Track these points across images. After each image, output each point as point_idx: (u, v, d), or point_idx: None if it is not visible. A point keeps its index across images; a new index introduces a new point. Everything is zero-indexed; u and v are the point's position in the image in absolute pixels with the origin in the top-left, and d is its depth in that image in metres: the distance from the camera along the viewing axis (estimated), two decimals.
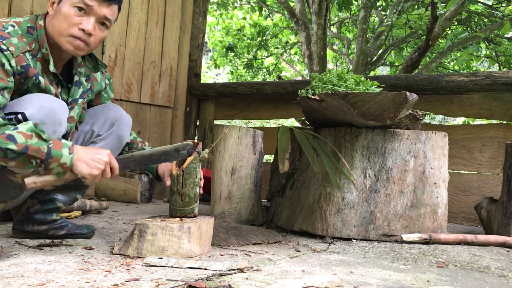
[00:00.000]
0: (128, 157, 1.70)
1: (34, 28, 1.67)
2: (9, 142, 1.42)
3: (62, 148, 1.49)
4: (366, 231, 2.14)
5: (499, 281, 1.58)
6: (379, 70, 10.62)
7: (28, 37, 1.64)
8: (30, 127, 1.45)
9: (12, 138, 1.42)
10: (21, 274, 1.34)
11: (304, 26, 6.72)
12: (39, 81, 1.64)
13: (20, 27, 1.64)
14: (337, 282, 1.26)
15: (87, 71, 1.88)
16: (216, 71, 12.14)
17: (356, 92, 2.02)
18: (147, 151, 1.74)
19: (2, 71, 1.53)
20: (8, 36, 1.57)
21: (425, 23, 6.24)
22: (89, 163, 1.54)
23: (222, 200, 2.48)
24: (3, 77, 1.53)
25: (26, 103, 1.56)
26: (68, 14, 1.63)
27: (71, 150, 1.50)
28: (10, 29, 1.61)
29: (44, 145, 1.46)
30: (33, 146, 1.44)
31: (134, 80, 3.65)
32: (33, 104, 1.55)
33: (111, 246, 1.78)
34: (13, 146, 1.42)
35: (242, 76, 10.31)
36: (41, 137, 1.46)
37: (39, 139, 1.46)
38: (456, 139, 3.13)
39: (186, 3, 4.01)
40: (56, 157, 1.48)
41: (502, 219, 2.31)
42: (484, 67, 9.51)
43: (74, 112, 1.83)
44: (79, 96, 1.83)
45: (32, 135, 1.45)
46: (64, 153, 1.49)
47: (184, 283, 1.28)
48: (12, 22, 1.64)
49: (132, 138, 2.03)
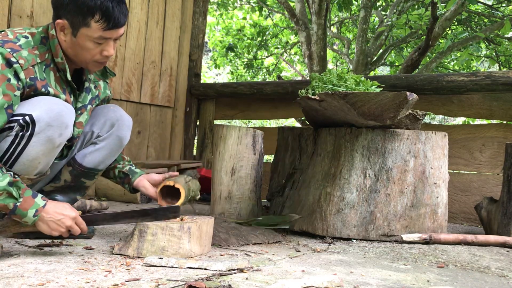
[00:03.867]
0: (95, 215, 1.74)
1: (47, 38, 1.69)
2: None
3: (29, 209, 1.54)
4: (366, 231, 2.14)
5: (499, 281, 1.58)
6: (379, 70, 10.62)
7: (42, 48, 1.66)
8: (3, 187, 1.48)
9: None
10: (21, 274, 1.34)
11: (304, 26, 6.72)
12: (49, 91, 1.66)
13: (34, 38, 1.65)
14: (337, 282, 1.26)
15: (95, 78, 1.90)
16: (216, 71, 12.14)
17: (356, 92, 2.02)
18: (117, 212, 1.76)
19: (9, 87, 1.54)
20: (19, 49, 1.58)
21: (425, 23, 6.24)
22: (50, 225, 1.59)
23: (222, 200, 2.48)
24: (9, 94, 1.54)
25: (35, 104, 1.58)
26: (89, 47, 1.67)
27: (37, 213, 1.55)
28: (23, 41, 1.62)
29: (11, 203, 1.51)
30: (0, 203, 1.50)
31: (134, 80, 3.65)
32: (41, 106, 1.57)
33: (111, 246, 1.78)
34: None
35: (242, 76, 10.31)
36: (12, 195, 1.51)
37: (9, 196, 1.50)
38: (456, 139, 3.13)
39: (186, 3, 4.01)
40: (19, 215, 1.54)
41: (502, 219, 2.31)
42: (484, 67, 9.51)
43: (82, 117, 1.84)
44: (88, 102, 1.85)
45: (3, 193, 1.49)
46: (28, 214, 1.54)
47: (184, 283, 1.28)
48: (26, 33, 1.65)
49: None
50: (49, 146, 1.62)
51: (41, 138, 1.58)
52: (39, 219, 1.56)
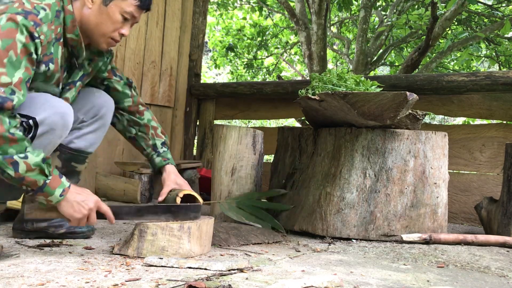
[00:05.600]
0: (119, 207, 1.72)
1: (61, 11, 1.66)
2: (10, 168, 1.45)
3: (57, 188, 1.53)
4: (366, 231, 2.14)
5: (499, 281, 1.58)
6: (379, 70, 10.62)
7: (56, 21, 1.64)
8: (38, 162, 1.48)
9: (15, 165, 1.45)
10: (21, 274, 1.34)
11: (304, 26, 6.71)
12: (49, 68, 1.64)
13: (51, 9, 1.62)
14: (337, 282, 1.26)
15: (91, 55, 1.86)
16: (216, 71, 12.14)
17: (356, 92, 2.02)
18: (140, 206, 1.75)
19: (29, 60, 1.53)
20: (40, 23, 1.56)
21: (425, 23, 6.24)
22: (74, 206, 1.57)
23: (222, 200, 2.48)
24: (29, 67, 1.53)
25: (37, 106, 1.57)
26: (116, 20, 1.68)
27: (63, 192, 1.54)
28: (42, 13, 1.58)
29: (42, 180, 1.50)
30: (30, 179, 1.48)
31: (134, 80, 3.65)
32: (44, 109, 1.57)
33: (111, 246, 1.78)
34: (11, 173, 1.46)
35: (242, 76, 10.30)
36: (43, 172, 1.50)
37: (41, 173, 1.49)
38: (456, 139, 3.13)
39: (186, 3, 4.01)
40: (46, 193, 1.52)
41: (502, 219, 2.31)
42: (484, 67, 9.51)
43: (70, 93, 1.82)
44: (78, 78, 1.83)
45: (36, 169, 1.48)
46: (55, 193, 1.53)
47: (184, 283, 1.28)
48: (43, 5, 1.60)
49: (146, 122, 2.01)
50: (50, 148, 1.64)
51: (43, 141, 1.58)
52: (64, 199, 1.55)
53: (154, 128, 2.02)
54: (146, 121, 2.01)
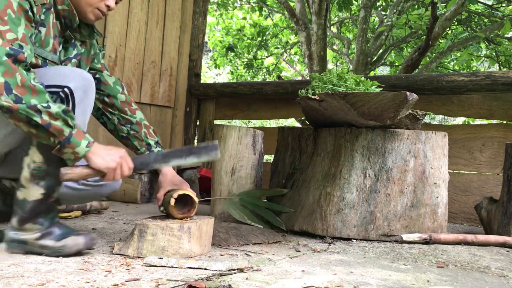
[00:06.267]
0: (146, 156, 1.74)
1: None
2: (36, 115, 1.45)
3: (82, 140, 1.53)
4: (366, 231, 2.14)
5: (499, 281, 1.58)
6: (379, 70, 10.62)
7: None
8: (59, 112, 1.48)
9: (39, 113, 1.46)
10: (21, 274, 1.34)
11: (304, 26, 6.72)
12: (40, 31, 1.65)
13: None
14: (337, 282, 1.26)
15: (81, 37, 1.86)
16: (216, 71, 12.14)
17: (356, 92, 2.02)
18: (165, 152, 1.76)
19: (27, 18, 1.55)
20: None
21: (425, 23, 6.24)
22: (104, 157, 1.57)
23: (222, 200, 2.48)
24: (28, 24, 1.55)
25: (64, 77, 1.59)
26: None
27: (89, 144, 1.54)
28: None
29: (68, 130, 1.50)
30: (57, 126, 1.48)
31: (134, 80, 3.65)
32: (73, 77, 1.59)
33: (111, 246, 1.78)
34: (38, 119, 1.46)
35: (242, 76, 10.31)
36: (67, 123, 1.50)
37: (65, 123, 1.50)
38: (456, 139, 3.13)
39: (186, 3, 4.01)
40: (73, 144, 1.51)
41: (502, 219, 2.31)
42: (484, 67, 9.51)
43: None
44: (73, 56, 1.83)
45: (59, 119, 1.48)
46: (81, 144, 1.53)
47: (184, 283, 1.28)
48: None
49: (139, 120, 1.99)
50: (88, 111, 1.68)
51: (82, 106, 1.62)
52: (91, 151, 1.55)
53: (147, 127, 2.00)
54: (138, 119, 1.99)
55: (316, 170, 2.29)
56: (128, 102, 1.98)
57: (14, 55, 1.45)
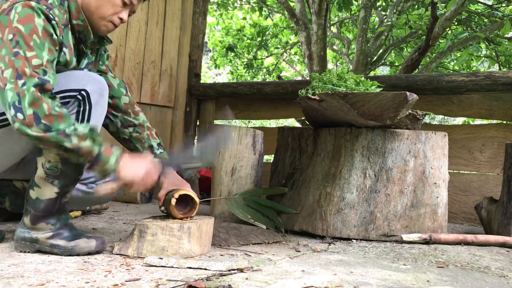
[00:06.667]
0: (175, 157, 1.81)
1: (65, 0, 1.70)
2: (66, 139, 1.49)
3: (111, 156, 1.57)
4: (366, 231, 2.14)
5: (499, 281, 1.58)
6: (379, 70, 10.62)
7: (62, 8, 1.67)
8: (86, 133, 1.52)
9: (68, 137, 1.50)
10: (21, 274, 1.34)
11: (304, 26, 6.72)
12: (64, 52, 1.68)
13: None
14: (337, 282, 1.26)
15: (92, 45, 1.87)
16: (216, 71, 12.14)
17: (356, 92, 2.02)
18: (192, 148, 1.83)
19: (51, 41, 1.57)
20: (51, 7, 1.59)
21: (425, 23, 6.24)
22: (132, 167, 1.61)
23: (222, 200, 2.49)
24: (52, 48, 1.57)
25: (79, 80, 1.62)
26: (116, 3, 1.71)
27: (117, 161, 1.58)
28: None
29: (97, 148, 1.54)
30: (86, 148, 1.52)
31: (134, 80, 3.65)
32: (88, 80, 1.63)
33: (111, 246, 1.78)
34: (69, 145, 1.50)
35: (242, 76, 10.30)
36: (95, 141, 1.54)
37: (93, 142, 1.53)
38: (456, 139, 3.13)
39: (186, 3, 4.01)
40: (102, 162, 1.56)
41: (502, 219, 2.31)
42: (484, 67, 9.51)
43: None
44: (84, 66, 1.85)
45: (87, 139, 1.52)
46: (111, 160, 1.57)
47: (184, 283, 1.28)
48: None
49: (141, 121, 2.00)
50: (103, 113, 1.70)
51: (97, 108, 1.65)
52: (120, 165, 1.58)
53: (149, 129, 2.00)
54: (141, 121, 1.98)
55: (316, 170, 2.29)
56: (131, 104, 1.99)
57: (42, 85, 1.49)
